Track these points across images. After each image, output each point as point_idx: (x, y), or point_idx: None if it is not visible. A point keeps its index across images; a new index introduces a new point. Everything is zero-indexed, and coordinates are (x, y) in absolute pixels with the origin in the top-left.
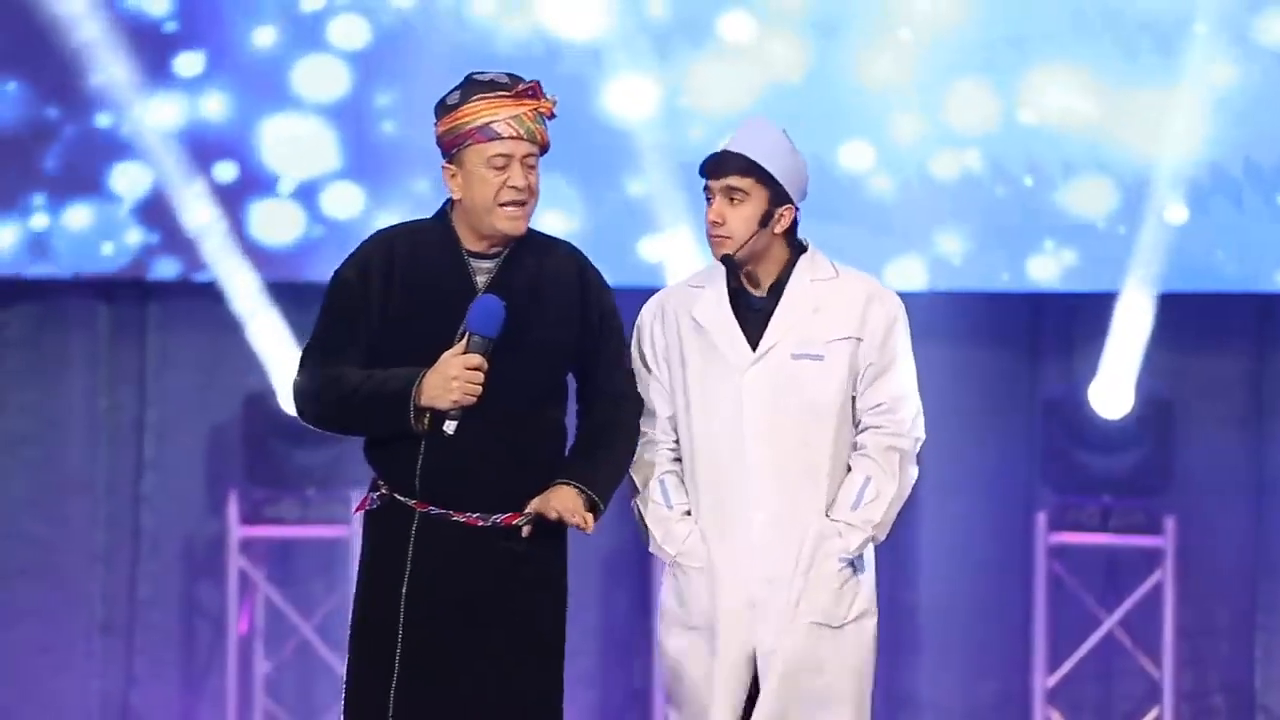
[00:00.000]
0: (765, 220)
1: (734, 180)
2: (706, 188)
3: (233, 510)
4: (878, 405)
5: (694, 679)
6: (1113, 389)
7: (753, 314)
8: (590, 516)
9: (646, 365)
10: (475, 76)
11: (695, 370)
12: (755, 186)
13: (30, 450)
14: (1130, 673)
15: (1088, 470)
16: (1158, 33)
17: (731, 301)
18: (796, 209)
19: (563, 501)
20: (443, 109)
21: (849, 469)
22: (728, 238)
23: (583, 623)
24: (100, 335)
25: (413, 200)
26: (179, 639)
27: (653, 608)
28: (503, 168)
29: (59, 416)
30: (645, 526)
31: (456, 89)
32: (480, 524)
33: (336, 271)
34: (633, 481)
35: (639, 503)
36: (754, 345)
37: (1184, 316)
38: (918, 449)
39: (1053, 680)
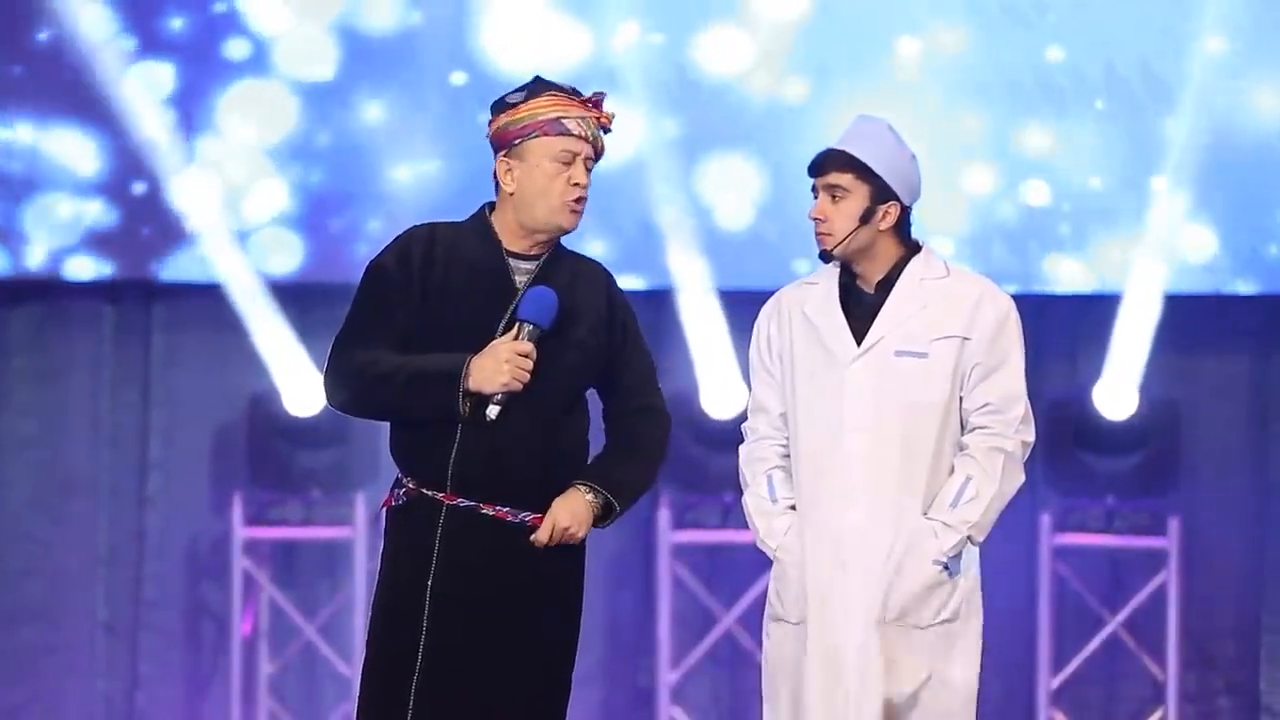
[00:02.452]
0: (867, 217)
1: (834, 177)
2: (813, 186)
3: (237, 512)
4: (984, 405)
5: (787, 673)
6: (1118, 390)
7: (861, 310)
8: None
9: (762, 361)
10: (540, 79)
11: (803, 365)
12: (856, 183)
13: (34, 451)
14: (1134, 674)
15: (1092, 471)
16: (1164, 37)
17: (842, 298)
18: (907, 207)
19: (564, 509)
20: (504, 105)
21: (953, 470)
22: (829, 234)
23: (588, 621)
24: (105, 336)
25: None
26: (183, 640)
27: (657, 607)
28: (568, 164)
29: (63, 418)
30: (752, 521)
31: (520, 89)
32: (509, 519)
33: (374, 259)
34: (743, 477)
35: (747, 498)
36: (860, 341)
37: (1189, 318)
38: (1026, 453)
39: (1057, 681)
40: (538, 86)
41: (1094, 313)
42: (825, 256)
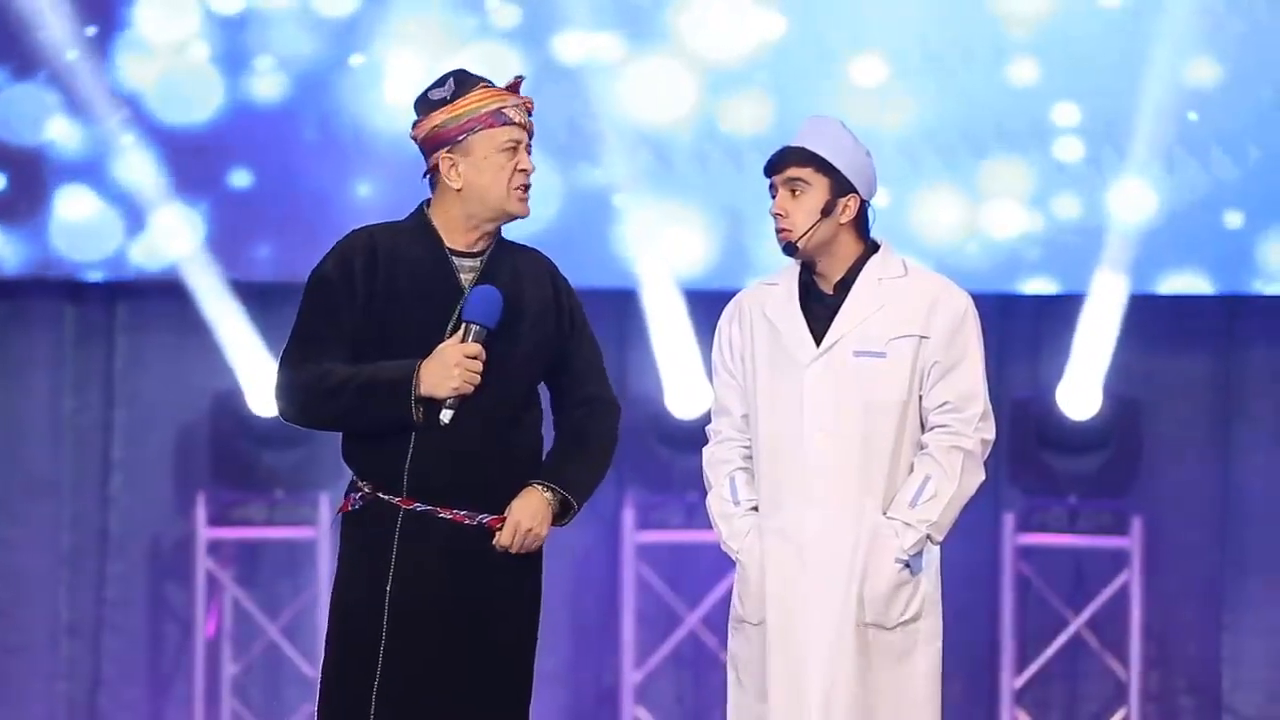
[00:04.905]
0: (828, 210)
1: (793, 171)
2: (771, 185)
3: (200, 512)
4: (943, 404)
5: (751, 675)
6: (1080, 390)
7: (821, 310)
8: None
9: (724, 363)
10: (464, 72)
11: (764, 366)
12: (815, 176)
13: None
14: (1097, 673)
15: (1055, 471)
16: (1133, 23)
17: (802, 298)
18: (866, 202)
19: (525, 511)
20: (434, 103)
21: (912, 470)
22: (790, 229)
23: (552, 621)
24: (66, 336)
25: None
26: (146, 641)
27: (621, 606)
28: (513, 152)
29: (25, 417)
30: (715, 524)
31: (440, 85)
32: (466, 522)
33: (316, 268)
34: (706, 479)
35: (710, 500)
36: (819, 341)
37: (1152, 318)
38: (986, 451)
39: (1020, 681)
40: (466, 80)
41: (1057, 313)
42: (790, 250)
